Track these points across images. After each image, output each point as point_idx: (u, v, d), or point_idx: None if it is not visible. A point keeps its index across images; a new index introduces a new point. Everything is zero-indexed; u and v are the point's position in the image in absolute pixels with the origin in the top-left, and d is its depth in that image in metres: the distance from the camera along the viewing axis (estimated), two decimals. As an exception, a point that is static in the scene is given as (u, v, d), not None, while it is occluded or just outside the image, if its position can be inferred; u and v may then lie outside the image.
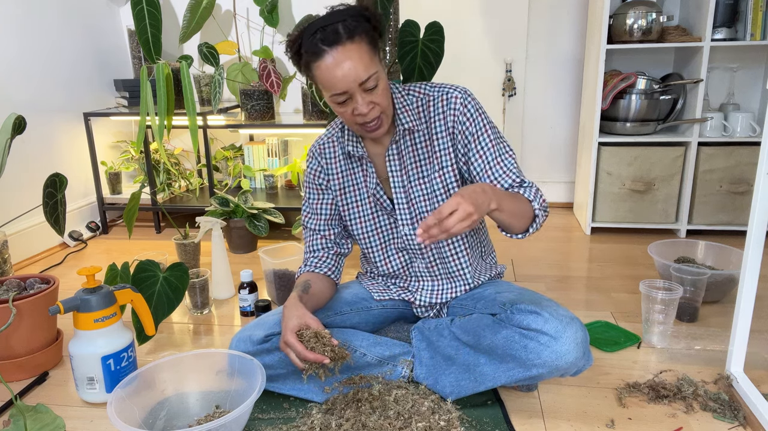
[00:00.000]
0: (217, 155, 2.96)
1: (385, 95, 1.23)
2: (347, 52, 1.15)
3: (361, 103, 1.19)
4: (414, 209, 1.38)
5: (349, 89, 1.17)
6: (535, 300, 1.25)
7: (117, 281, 1.61)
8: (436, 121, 1.32)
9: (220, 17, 2.87)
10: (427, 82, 1.37)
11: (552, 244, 2.50)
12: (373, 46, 1.19)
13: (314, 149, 1.44)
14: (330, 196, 1.44)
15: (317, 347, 1.16)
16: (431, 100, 1.33)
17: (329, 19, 1.16)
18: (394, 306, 1.50)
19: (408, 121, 1.32)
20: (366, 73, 1.16)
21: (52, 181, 1.70)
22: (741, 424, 1.23)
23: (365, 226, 1.44)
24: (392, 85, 1.35)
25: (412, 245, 1.41)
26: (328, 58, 1.15)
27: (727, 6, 2.34)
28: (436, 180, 1.34)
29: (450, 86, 1.33)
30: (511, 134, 2.99)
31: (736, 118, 2.46)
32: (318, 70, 1.17)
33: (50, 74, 2.52)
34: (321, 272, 1.41)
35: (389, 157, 1.36)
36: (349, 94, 1.18)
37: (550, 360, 1.16)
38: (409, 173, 1.36)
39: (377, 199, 1.40)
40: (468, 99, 1.31)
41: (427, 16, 2.14)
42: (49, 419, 1.20)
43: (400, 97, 1.34)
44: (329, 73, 1.16)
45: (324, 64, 1.16)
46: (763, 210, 1.20)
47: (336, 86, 1.17)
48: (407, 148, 1.35)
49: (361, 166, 1.40)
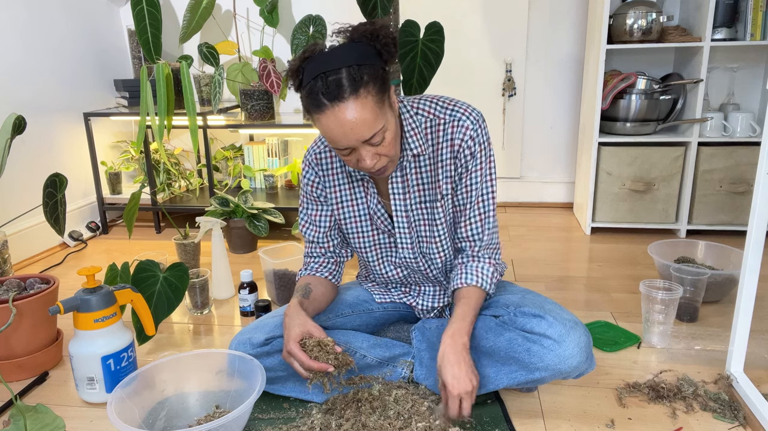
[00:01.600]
0: (217, 155, 2.96)
1: (393, 145, 1.16)
2: (350, 110, 1.06)
3: (365, 156, 1.13)
4: (414, 233, 1.34)
5: (352, 146, 1.11)
6: (538, 303, 1.24)
7: (117, 281, 1.61)
8: (443, 146, 1.26)
9: (220, 17, 2.87)
10: (439, 100, 1.27)
11: (552, 244, 2.50)
12: (381, 93, 1.10)
13: (310, 158, 1.36)
14: (329, 209, 1.38)
15: (321, 356, 1.16)
16: (441, 123, 1.25)
17: (333, 63, 1.06)
18: (396, 308, 1.50)
19: (416, 146, 1.25)
20: (370, 132, 1.09)
21: (52, 181, 1.70)
22: (741, 424, 1.23)
23: (364, 241, 1.39)
24: (401, 105, 1.27)
25: (411, 265, 1.39)
26: (329, 114, 1.06)
27: (727, 6, 2.34)
28: (438, 210, 1.30)
29: (462, 111, 1.25)
30: (511, 134, 2.99)
31: (736, 118, 2.46)
32: (319, 123, 1.10)
33: (50, 74, 2.51)
34: (322, 276, 1.40)
35: (393, 182, 1.29)
36: (353, 148, 1.13)
37: (553, 364, 1.16)
38: (411, 198, 1.31)
39: (377, 218, 1.35)
40: (478, 131, 1.24)
41: (427, 16, 2.14)
42: (49, 419, 1.20)
43: (409, 118, 1.25)
44: (330, 131, 1.09)
45: (325, 119, 1.08)
46: (763, 210, 1.20)
47: (338, 143, 1.11)
48: (411, 172, 1.29)
49: (362, 184, 1.34)
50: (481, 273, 1.28)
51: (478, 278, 1.27)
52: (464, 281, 1.28)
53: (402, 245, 1.36)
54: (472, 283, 1.27)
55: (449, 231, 1.33)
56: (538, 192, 3.08)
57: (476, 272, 1.28)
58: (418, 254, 1.36)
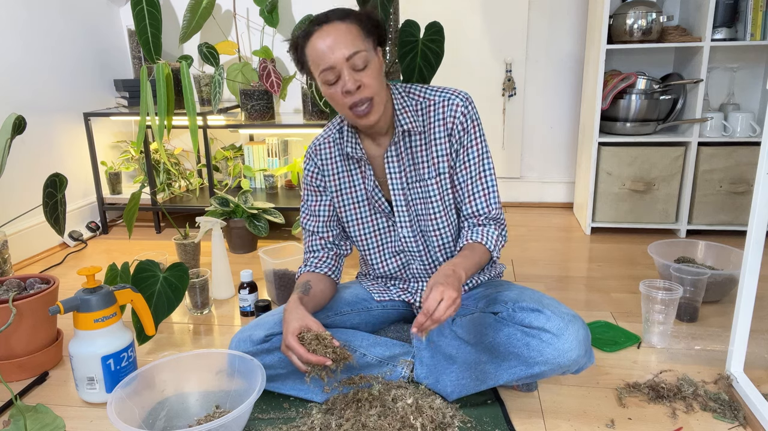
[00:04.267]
0: (217, 155, 2.96)
1: (376, 78, 1.22)
2: (335, 29, 1.18)
3: (348, 79, 1.18)
4: (411, 211, 1.38)
5: (335, 64, 1.18)
6: (536, 298, 1.25)
7: (117, 281, 1.61)
8: (435, 126, 1.32)
9: (220, 17, 2.87)
10: (428, 86, 1.36)
11: (552, 244, 2.50)
12: (365, 32, 1.21)
13: (311, 150, 1.43)
14: (328, 198, 1.44)
15: (319, 349, 1.16)
16: (432, 104, 1.32)
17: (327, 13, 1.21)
18: (395, 307, 1.50)
19: (407, 122, 1.31)
20: (352, 48, 1.17)
21: (52, 181, 1.70)
22: (741, 424, 1.23)
23: (362, 228, 1.43)
24: (392, 86, 1.34)
25: (409, 247, 1.41)
26: (316, 34, 1.19)
27: (727, 6, 2.34)
28: (433, 186, 1.34)
29: (451, 91, 1.33)
30: (511, 134, 2.99)
31: (736, 118, 2.46)
32: (308, 49, 1.20)
33: (50, 74, 2.52)
34: (321, 272, 1.41)
35: (388, 158, 1.35)
36: (337, 71, 1.19)
37: (552, 358, 1.16)
38: (407, 175, 1.36)
39: (375, 201, 1.39)
40: (468, 107, 1.31)
41: (427, 16, 2.14)
42: (49, 419, 1.20)
43: (400, 98, 1.33)
44: (315, 48, 1.18)
45: (312, 41, 1.19)
46: (763, 210, 1.20)
47: (322, 59, 1.18)
48: (406, 149, 1.34)
49: (359, 167, 1.39)
50: (487, 235, 1.32)
51: (483, 237, 1.31)
52: (469, 238, 1.32)
53: (401, 224, 1.39)
54: (477, 239, 1.31)
55: (446, 209, 1.36)
56: (538, 192, 3.08)
57: (482, 233, 1.32)
58: (417, 232, 1.39)
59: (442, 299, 1.08)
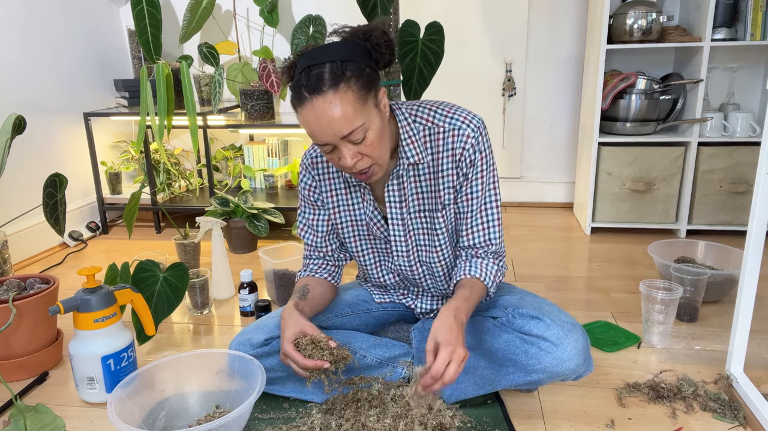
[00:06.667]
0: (217, 155, 2.96)
1: (377, 146, 1.12)
2: (327, 104, 1.04)
3: (345, 155, 1.10)
4: (411, 242, 1.32)
5: (330, 142, 1.09)
6: (536, 305, 1.24)
7: (117, 281, 1.61)
8: (443, 156, 1.22)
9: (220, 17, 2.87)
10: (438, 107, 1.24)
11: (552, 244, 2.50)
12: (364, 90, 1.08)
13: (307, 161, 1.34)
14: (326, 213, 1.37)
15: (315, 353, 1.15)
16: (441, 132, 1.21)
17: (320, 57, 1.07)
18: (395, 308, 1.50)
19: (413, 155, 1.22)
20: (348, 127, 1.06)
21: (52, 181, 1.70)
22: (741, 424, 1.23)
23: (360, 245, 1.39)
24: (398, 112, 1.24)
25: (405, 274, 1.38)
26: (308, 107, 1.06)
27: (727, 6, 2.34)
28: (439, 219, 1.28)
29: (462, 118, 1.22)
30: (511, 134, 2.99)
31: (736, 118, 2.46)
32: (301, 117, 1.09)
33: (50, 74, 2.51)
34: (321, 277, 1.39)
35: (389, 190, 1.27)
36: (332, 146, 1.10)
37: (551, 367, 1.16)
38: (409, 207, 1.29)
39: (374, 224, 1.33)
40: (479, 138, 1.21)
41: (427, 16, 2.14)
42: (49, 419, 1.20)
43: (406, 126, 1.22)
44: (310, 125, 1.08)
45: (305, 112, 1.07)
46: (763, 210, 1.20)
47: (317, 138, 1.09)
48: (409, 180, 1.26)
49: (359, 189, 1.32)
50: (485, 269, 1.26)
51: (482, 273, 1.25)
52: (467, 272, 1.25)
53: (397, 253, 1.34)
54: (475, 275, 1.24)
55: (450, 240, 1.31)
56: (538, 192, 3.08)
57: (480, 267, 1.26)
58: (414, 263, 1.35)
59: (451, 361, 1.03)
